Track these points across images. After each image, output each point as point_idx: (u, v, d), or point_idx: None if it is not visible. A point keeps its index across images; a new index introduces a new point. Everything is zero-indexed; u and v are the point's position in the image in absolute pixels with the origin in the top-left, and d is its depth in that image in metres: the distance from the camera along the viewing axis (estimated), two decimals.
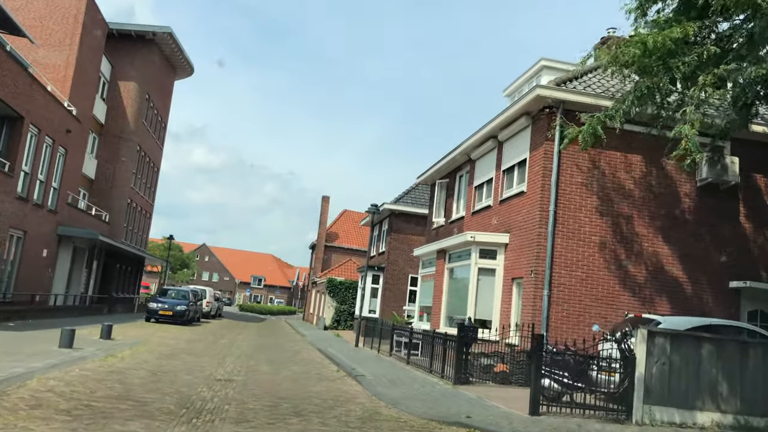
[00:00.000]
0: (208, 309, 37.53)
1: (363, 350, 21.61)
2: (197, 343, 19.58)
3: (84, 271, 31.31)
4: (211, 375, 12.37)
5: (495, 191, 17.40)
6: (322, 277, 43.98)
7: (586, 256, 14.67)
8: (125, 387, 9.67)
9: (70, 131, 26.78)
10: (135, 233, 41.11)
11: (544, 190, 14.63)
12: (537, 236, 14.55)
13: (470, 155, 19.36)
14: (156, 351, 15.63)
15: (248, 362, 15.43)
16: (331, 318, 37.37)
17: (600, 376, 10.78)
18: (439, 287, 19.15)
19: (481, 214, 18.14)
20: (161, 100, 43.22)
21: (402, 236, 30.36)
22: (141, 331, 21.87)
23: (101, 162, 36.17)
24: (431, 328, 18.95)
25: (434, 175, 22.82)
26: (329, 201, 49.62)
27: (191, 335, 22.96)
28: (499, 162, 17.30)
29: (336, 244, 49.57)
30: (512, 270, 15.64)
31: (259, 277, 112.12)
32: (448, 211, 21.47)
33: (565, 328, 14.33)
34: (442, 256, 19.17)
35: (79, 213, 29.47)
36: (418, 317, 21.77)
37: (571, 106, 14.71)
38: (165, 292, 30.81)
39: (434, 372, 14.48)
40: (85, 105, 31.68)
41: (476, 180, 18.97)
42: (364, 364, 16.13)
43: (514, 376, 13.61)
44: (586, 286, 14.57)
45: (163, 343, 18.40)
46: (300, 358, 17.92)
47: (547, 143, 14.77)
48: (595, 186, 14.93)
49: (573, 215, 14.72)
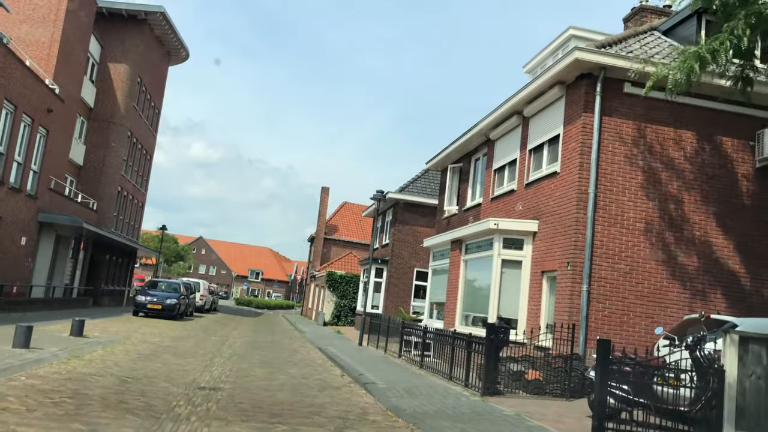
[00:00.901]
0: (201, 303, 35.42)
1: (368, 350, 19.53)
2: (185, 341, 17.47)
3: (69, 262, 29.15)
4: (194, 382, 10.29)
5: (520, 174, 15.30)
6: (321, 270, 41.90)
7: (630, 245, 12.59)
8: (77, 402, 7.56)
9: (52, 110, 24.59)
10: (126, 223, 38.93)
11: (583, 169, 12.54)
12: (574, 222, 12.46)
13: (489, 135, 17.26)
14: (134, 351, 13.52)
15: (240, 364, 13.34)
16: (330, 313, 35.29)
17: (664, 389, 8.72)
18: (454, 281, 17.07)
19: (503, 200, 16.05)
20: (154, 84, 40.98)
21: (407, 227, 28.27)
22: (124, 327, 19.76)
23: (90, 148, 33.99)
24: (445, 327, 16.89)
25: (445, 159, 20.72)
26: (329, 192, 47.50)
27: (180, 331, 20.86)
28: (525, 140, 15.20)
29: (336, 236, 47.47)
30: (542, 262, 13.56)
31: (256, 271, 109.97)
32: (462, 199, 19.36)
33: (606, 329, 12.27)
34: (458, 246, 17.08)
35: (63, 200, 27.29)
36: (429, 314, 19.69)
37: (615, 73, 12.63)
38: (155, 284, 28.68)
39: (455, 379, 12.40)
40: (72, 86, 29.50)
41: (496, 162, 16.87)
42: (371, 368, 14.05)
43: (550, 386, 11.54)
44: (630, 281, 12.50)
45: (146, 340, 16.29)
46: (298, 359, 15.84)
47: (585, 115, 12.67)
48: (641, 165, 12.84)
49: (615, 198, 12.63)
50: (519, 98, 14.94)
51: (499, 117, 16.18)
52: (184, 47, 42.14)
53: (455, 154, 19.98)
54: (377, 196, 20.79)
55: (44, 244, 25.48)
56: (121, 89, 35.13)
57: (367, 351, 19.00)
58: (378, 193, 20.77)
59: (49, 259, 25.87)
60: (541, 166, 14.36)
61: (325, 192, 47.25)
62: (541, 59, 18.23)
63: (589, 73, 12.71)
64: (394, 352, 17.87)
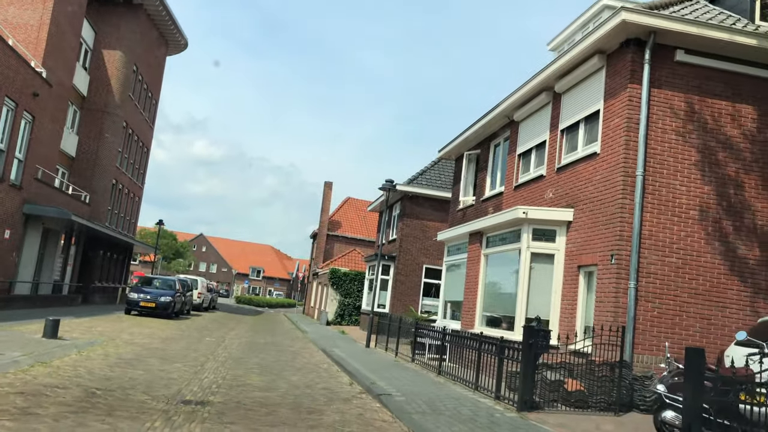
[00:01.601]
0: (199, 301, 33.76)
1: (376, 352, 17.86)
2: (176, 342, 15.81)
3: (59, 257, 27.49)
4: (179, 393, 8.63)
5: (550, 157, 13.60)
6: (324, 267, 40.23)
7: (683, 236, 10.90)
8: (19, 426, 5.89)
9: (38, 95, 22.91)
10: (122, 218, 37.28)
11: (629, 148, 10.86)
12: (619, 210, 10.78)
13: (512, 116, 15.57)
14: (114, 354, 11.85)
15: (235, 370, 11.67)
16: (334, 312, 33.62)
17: (754, 409, 7.05)
18: (473, 278, 15.39)
19: (529, 188, 14.36)
20: (151, 74, 39.32)
21: (416, 222, 26.58)
22: (112, 326, 18.10)
23: (83, 138, 32.34)
24: (462, 328, 15.21)
25: (460, 146, 19.03)
26: (332, 187, 45.78)
27: (173, 331, 19.20)
28: (556, 120, 13.51)
29: (339, 233, 45.79)
30: (578, 256, 11.87)
31: (257, 269, 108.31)
32: (480, 188, 17.67)
33: (655, 332, 10.60)
34: (477, 239, 15.40)
35: (52, 191, 25.61)
36: (443, 314, 18.00)
37: (666, 38, 10.95)
38: (150, 281, 27.03)
39: (482, 389, 10.72)
40: (63, 72, 27.88)
41: (520, 146, 15.18)
42: (383, 375, 12.37)
43: (594, 398, 9.87)
44: (683, 276, 10.82)
45: (132, 341, 14.62)
46: (301, 363, 14.17)
47: (632, 87, 10.98)
48: (695, 144, 11.15)
49: (666, 182, 10.95)
50: (549, 73, 13.26)
51: (525, 95, 14.49)
52: (182, 35, 40.50)
53: (471, 140, 18.30)
54: (386, 186, 19.08)
55: (30, 238, 23.81)
56: (115, 77, 33.47)
57: (376, 354, 17.34)
58: (387, 183, 19.07)
59: (35, 253, 24.21)
60: (576, 148, 12.66)
61: (328, 187, 45.57)
62: (569, 35, 16.53)
63: (637, 39, 11.02)
64: (405, 355, 16.20)
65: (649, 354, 10.51)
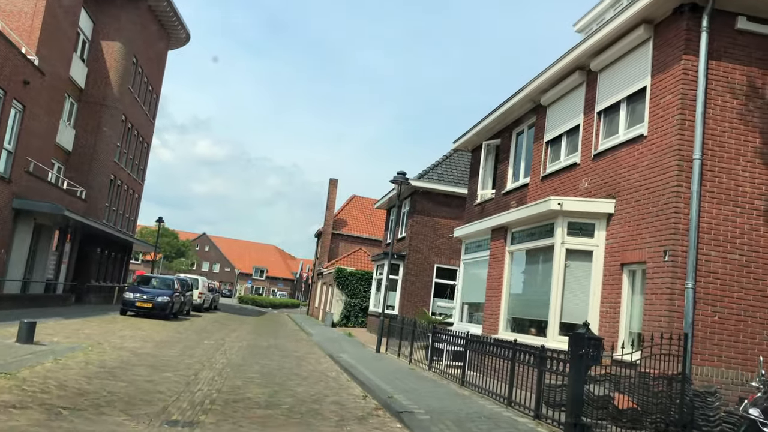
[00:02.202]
0: (200, 301, 32.38)
1: (387, 358, 16.42)
2: (171, 347, 14.41)
3: (52, 255, 26.15)
4: (164, 412, 7.23)
5: (584, 143, 12.15)
6: (329, 267, 38.82)
7: (747, 229, 9.44)
8: None
9: (29, 83, 21.54)
10: (120, 215, 35.92)
11: (684, 128, 9.40)
12: (673, 199, 9.32)
13: (538, 101, 14.13)
14: (97, 362, 10.45)
15: (233, 380, 10.27)
16: (339, 314, 32.20)
17: None
18: (496, 278, 13.95)
19: (560, 178, 12.91)
20: (152, 67, 37.98)
21: (426, 219, 25.14)
22: (103, 328, 16.72)
23: (80, 132, 30.98)
24: (484, 332, 13.76)
25: (478, 136, 17.60)
26: (337, 184, 44.36)
27: (169, 333, 17.81)
28: (592, 101, 12.06)
29: (344, 231, 44.38)
30: (621, 252, 10.42)
31: (261, 268, 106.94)
32: (501, 180, 16.22)
33: (716, 339, 9.14)
34: (501, 235, 13.95)
35: (45, 186, 24.25)
36: (459, 316, 16.55)
37: (727, 3, 9.51)
38: (147, 280, 25.66)
39: (516, 405, 9.27)
40: (59, 63, 26.57)
41: (549, 132, 13.73)
42: (400, 386, 10.94)
43: (649, 417, 8.42)
44: (747, 276, 9.35)
45: (121, 346, 13.22)
46: (307, 371, 12.76)
47: (687, 59, 9.53)
48: (759, 125, 9.69)
49: (727, 167, 9.50)
50: (583, 50, 11.81)
51: (554, 76, 13.04)
52: (184, 28, 39.16)
53: (491, 129, 16.86)
54: (398, 179, 17.63)
55: (21, 234, 22.46)
56: (114, 69, 32.11)
57: (388, 359, 15.91)
58: (399, 176, 17.62)
59: (26, 250, 22.85)
60: (616, 131, 11.21)
61: (333, 184, 44.16)
62: (598, 13, 15.12)
63: (693, 4, 9.57)
64: (420, 361, 14.77)
65: (710, 365, 9.05)
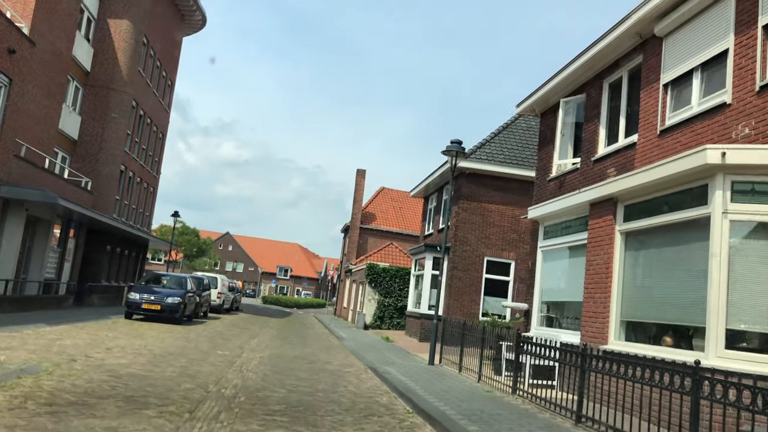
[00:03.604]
0: (219, 301, 29.09)
1: (446, 372, 12.83)
2: (170, 363, 11.00)
3: (52, 252, 23.05)
4: None
5: (737, 74, 8.43)
6: (358, 263, 35.36)
7: None
8: None
9: (14, 52, 18.32)
10: (134, 210, 32.85)
11: None
12: None
13: (649, 32, 10.46)
14: (49, 391, 7.02)
15: (247, 421, 6.80)
16: (372, 314, 28.68)
17: None
18: (600, 268, 10.28)
19: (691, 128, 9.20)
20: (165, 50, 34.85)
21: (474, 205, 21.50)
22: (91, 338, 13.39)
23: (86, 119, 27.90)
24: (583, 342, 10.13)
25: (553, 93, 13.97)
26: (365, 175, 40.89)
27: (175, 342, 14.46)
28: (750, 13, 8.36)
29: (373, 226, 40.89)
30: None
31: (285, 268, 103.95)
32: (588, 145, 12.54)
33: None
34: (607, 210, 10.29)
35: (42, 174, 21.11)
36: (538, 319, 12.89)
37: None
38: (157, 278, 22.40)
39: None
40: (59, 40, 23.51)
41: (669, 71, 10.03)
42: (487, 423, 7.37)
43: None
44: None
45: (101, 364, 9.79)
46: (349, 397, 9.24)
47: None
48: None
49: None
50: None
51: None
52: (200, 9, 36.04)
53: (571, 83, 13.21)
54: (453, 149, 13.93)
55: (11, 227, 19.31)
56: (122, 50, 28.98)
57: (448, 375, 12.32)
58: (453, 145, 13.96)
59: (17, 245, 19.70)
60: None
61: (360, 175, 40.68)
62: None
63: None
64: (489, 377, 11.19)
65: None
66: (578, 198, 11.04)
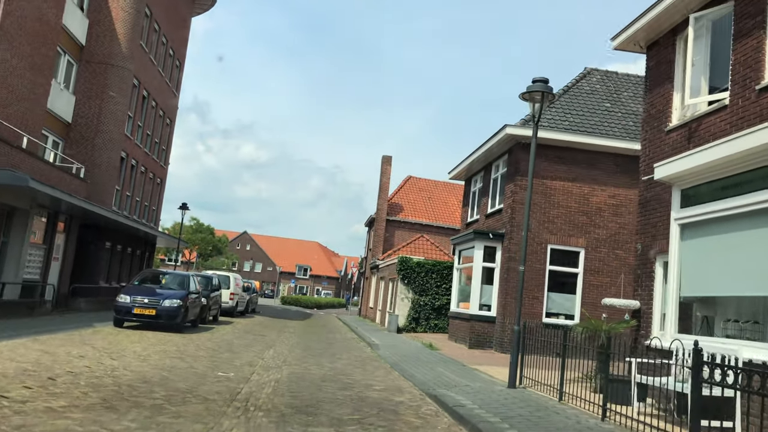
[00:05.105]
0: (231, 303, 25.43)
1: (541, 402, 8.90)
2: (136, 400, 7.24)
3: (35, 249, 19.56)
4: None
5: None
6: (386, 258, 31.52)
7: None
8: None
9: None
10: (138, 203, 29.38)
11: None
12: None
13: None
14: None
15: None
16: (406, 316, 24.82)
17: None
18: None
19: None
20: (172, 27, 31.36)
21: (535, 182, 17.53)
22: (48, 357, 9.69)
23: (81, 99, 24.44)
24: None
25: (672, 11, 10.04)
26: (391, 162, 37.05)
27: (163, 361, 10.73)
28: None
29: (400, 217, 37.04)
30: None
31: (304, 267, 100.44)
32: (746, 69, 8.53)
33: None
34: None
35: (19, 154, 17.66)
36: (675, 324, 8.90)
37: None
38: (155, 277, 18.74)
39: None
40: (46, 5, 20.12)
41: None
42: None
43: None
44: None
45: (19, 410, 6.08)
46: None
47: None
48: None
49: None
50: None
51: None
52: None
53: None
54: (537, 88, 9.88)
55: None
56: (121, 20, 25.46)
57: (545, 406, 8.40)
58: (539, 84, 9.90)
59: None
60: None
61: (386, 162, 36.86)
62: None
63: None
64: (617, 412, 7.28)
65: None
66: (762, 136, 7.06)
